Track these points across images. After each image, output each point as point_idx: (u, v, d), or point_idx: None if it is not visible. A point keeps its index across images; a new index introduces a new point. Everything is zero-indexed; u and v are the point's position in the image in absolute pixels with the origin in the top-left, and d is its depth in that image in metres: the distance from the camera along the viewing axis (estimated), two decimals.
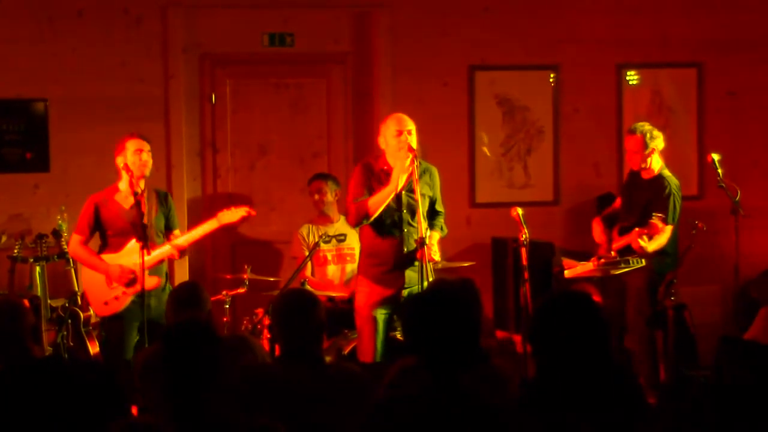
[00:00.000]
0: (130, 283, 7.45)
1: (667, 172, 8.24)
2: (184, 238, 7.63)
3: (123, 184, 7.56)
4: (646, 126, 8.30)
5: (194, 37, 9.44)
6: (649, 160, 8.21)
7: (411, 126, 7.21)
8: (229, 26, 9.50)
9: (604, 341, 4.35)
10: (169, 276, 7.89)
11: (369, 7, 9.67)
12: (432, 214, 7.39)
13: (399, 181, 7.05)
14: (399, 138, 7.15)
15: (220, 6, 9.45)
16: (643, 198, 8.16)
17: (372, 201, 7.18)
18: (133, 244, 7.46)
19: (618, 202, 8.59)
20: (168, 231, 7.71)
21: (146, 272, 7.33)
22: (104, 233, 7.61)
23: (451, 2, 9.65)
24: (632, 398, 4.31)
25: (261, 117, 9.70)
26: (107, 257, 7.55)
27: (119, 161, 7.54)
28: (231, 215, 7.64)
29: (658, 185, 8.16)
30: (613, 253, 8.02)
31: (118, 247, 7.54)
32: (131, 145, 7.52)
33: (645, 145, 8.18)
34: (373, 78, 9.70)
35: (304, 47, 9.64)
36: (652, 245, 7.82)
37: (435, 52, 9.62)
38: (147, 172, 7.56)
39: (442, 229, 7.43)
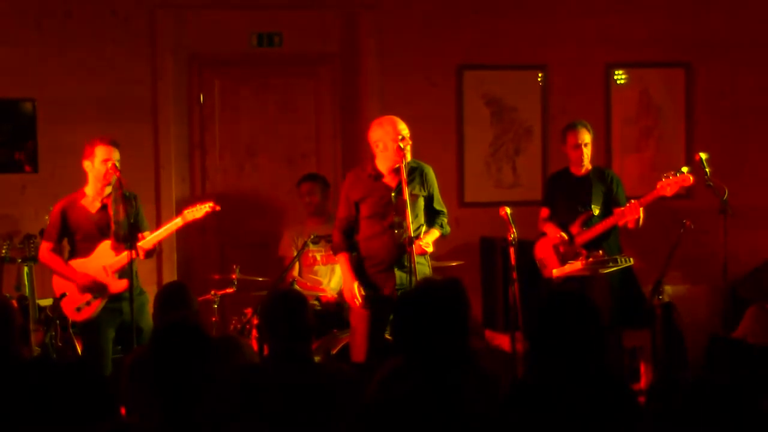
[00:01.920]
0: (97, 291, 7.43)
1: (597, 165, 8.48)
2: (148, 238, 7.56)
3: (90, 189, 7.51)
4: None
5: (182, 38, 9.44)
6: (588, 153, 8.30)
7: (407, 131, 7.21)
8: (218, 27, 9.50)
9: (600, 341, 4.36)
10: (140, 277, 7.79)
11: (357, 8, 9.67)
12: (431, 214, 7.39)
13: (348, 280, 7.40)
14: (396, 143, 7.12)
15: (208, 6, 9.45)
16: (593, 188, 8.19)
17: (340, 262, 7.53)
18: (101, 248, 7.44)
19: (544, 212, 8.52)
20: (136, 232, 7.63)
21: (115, 275, 7.35)
22: (72, 238, 7.56)
23: (439, 3, 9.66)
24: (622, 398, 4.32)
25: (249, 118, 9.70)
26: (77, 263, 7.51)
27: (86, 165, 7.48)
28: (195, 212, 7.59)
29: (603, 176, 8.26)
30: (601, 252, 8.01)
31: (86, 252, 7.51)
32: (100, 153, 7.41)
33: (591, 139, 8.28)
34: (361, 78, 9.70)
35: (293, 48, 9.64)
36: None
37: (423, 53, 9.63)
38: (113, 181, 7.44)
39: (442, 226, 7.41)
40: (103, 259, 7.42)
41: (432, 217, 7.38)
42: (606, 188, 8.22)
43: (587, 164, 8.29)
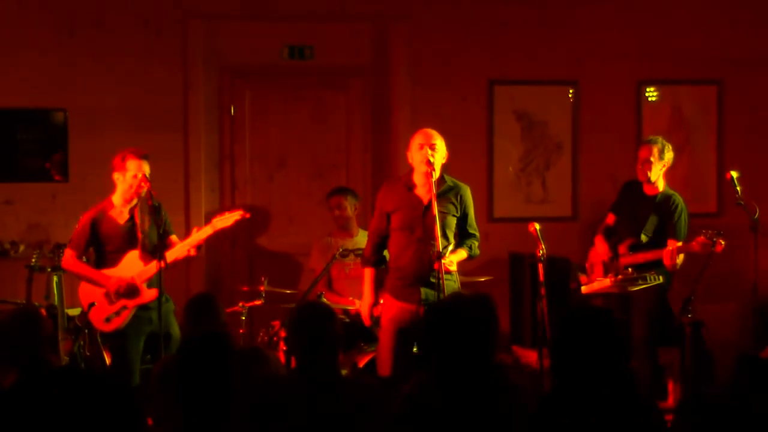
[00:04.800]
0: (130, 293, 7.44)
1: (672, 190, 8.27)
2: (176, 247, 7.52)
3: (117, 199, 7.55)
4: (663, 139, 8.32)
5: (214, 49, 9.47)
6: (658, 173, 8.20)
7: (436, 141, 7.19)
8: (249, 38, 9.53)
9: (623, 357, 4.35)
10: (166, 286, 7.81)
11: (388, 21, 9.68)
12: (463, 235, 7.36)
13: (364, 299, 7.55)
14: (420, 151, 7.15)
15: (240, 18, 9.48)
16: (651, 215, 8.15)
17: (364, 277, 7.56)
18: (128, 258, 7.47)
19: (610, 218, 8.53)
20: (166, 241, 7.64)
21: (144, 285, 7.37)
22: (102, 249, 7.59)
23: (470, 16, 9.65)
24: (647, 415, 4.30)
25: (280, 129, 9.72)
26: (105, 273, 7.55)
27: (116, 177, 7.50)
28: (225, 220, 7.63)
29: (669, 204, 8.17)
30: (630, 270, 7.97)
31: (114, 263, 7.54)
32: (131, 167, 7.44)
33: (660, 157, 8.19)
34: (391, 91, 9.71)
35: (324, 60, 9.66)
36: (679, 261, 7.86)
37: (454, 66, 9.62)
38: (143, 193, 7.50)
39: (470, 248, 7.37)
40: (132, 269, 7.44)
41: (463, 238, 7.35)
42: (665, 218, 8.13)
43: (652, 181, 8.20)
